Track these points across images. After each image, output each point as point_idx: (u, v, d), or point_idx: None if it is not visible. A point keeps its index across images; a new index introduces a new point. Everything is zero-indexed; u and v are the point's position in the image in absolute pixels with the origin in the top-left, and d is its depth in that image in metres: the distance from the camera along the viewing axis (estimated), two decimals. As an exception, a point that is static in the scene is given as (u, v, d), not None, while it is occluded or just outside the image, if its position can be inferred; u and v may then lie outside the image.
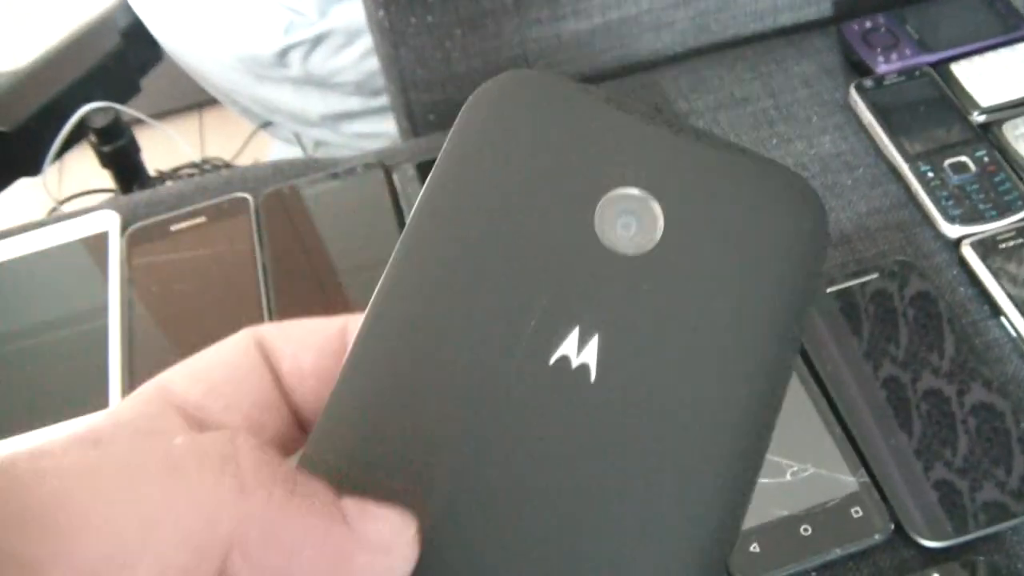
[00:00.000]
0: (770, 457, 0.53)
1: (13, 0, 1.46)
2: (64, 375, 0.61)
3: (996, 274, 0.59)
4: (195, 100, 1.63)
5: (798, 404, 0.55)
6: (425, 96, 0.71)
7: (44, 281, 0.65)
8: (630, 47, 0.74)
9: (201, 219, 0.66)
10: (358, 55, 0.95)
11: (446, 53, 0.68)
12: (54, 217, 0.70)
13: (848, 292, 0.59)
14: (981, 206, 0.62)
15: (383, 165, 0.68)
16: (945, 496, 0.51)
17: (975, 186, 0.63)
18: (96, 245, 0.66)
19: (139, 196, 0.72)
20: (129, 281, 0.64)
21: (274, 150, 1.27)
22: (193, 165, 1.17)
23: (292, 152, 1.15)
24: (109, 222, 0.67)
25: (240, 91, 1.04)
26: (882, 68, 0.71)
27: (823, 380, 0.56)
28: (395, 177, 0.68)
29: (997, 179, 0.63)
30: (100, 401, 0.58)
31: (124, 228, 0.67)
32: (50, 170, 0.94)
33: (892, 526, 0.51)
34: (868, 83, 0.70)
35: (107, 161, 0.99)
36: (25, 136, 0.94)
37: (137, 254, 0.65)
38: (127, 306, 0.62)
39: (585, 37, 0.72)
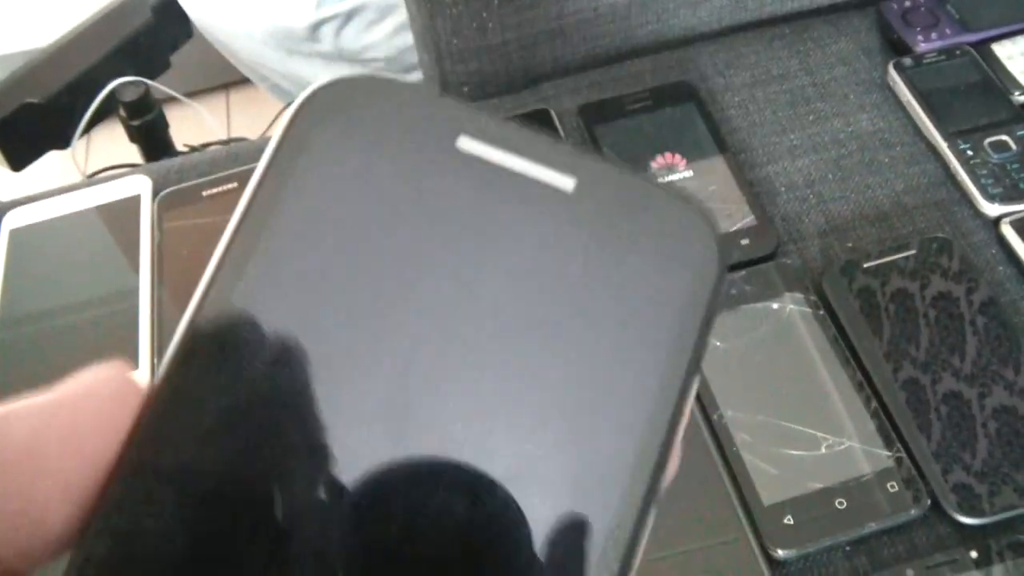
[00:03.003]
0: (806, 430, 0.52)
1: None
2: (94, 338, 0.61)
3: (1037, 253, 0.58)
4: (222, 80, 1.63)
5: (833, 378, 0.54)
6: (460, 67, 0.70)
7: (76, 244, 0.65)
8: (666, 22, 0.73)
9: (233, 184, 0.66)
10: (390, 31, 0.94)
11: (482, 23, 0.67)
12: (85, 182, 0.70)
13: (885, 267, 0.58)
14: (1022, 185, 0.61)
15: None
16: (984, 472, 0.50)
17: (1016, 164, 0.62)
18: (128, 209, 0.66)
19: (171, 163, 0.72)
20: (160, 245, 0.64)
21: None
22: (221, 143, 1.17)
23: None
24: (141, 186, 0.66)
25: (270, 67, 1.04)
26: (921, 47, 0.70)
27: (859, 354, 0.55)
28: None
29: (1039, 158, 0.62)
30: (130, 363, 0.58)
31: (156, 193, 0.67)
32: (78, 145, 0.95)
33: (928, 502, 0.50)
34: (907, 62, 0.69)
35: (136, 135, 0.99)
36: (57, 108, 0.94)
37: (169, 218, 0.65)
38: (158, 270, 0.62)
39: (622, 11, 0.71)
